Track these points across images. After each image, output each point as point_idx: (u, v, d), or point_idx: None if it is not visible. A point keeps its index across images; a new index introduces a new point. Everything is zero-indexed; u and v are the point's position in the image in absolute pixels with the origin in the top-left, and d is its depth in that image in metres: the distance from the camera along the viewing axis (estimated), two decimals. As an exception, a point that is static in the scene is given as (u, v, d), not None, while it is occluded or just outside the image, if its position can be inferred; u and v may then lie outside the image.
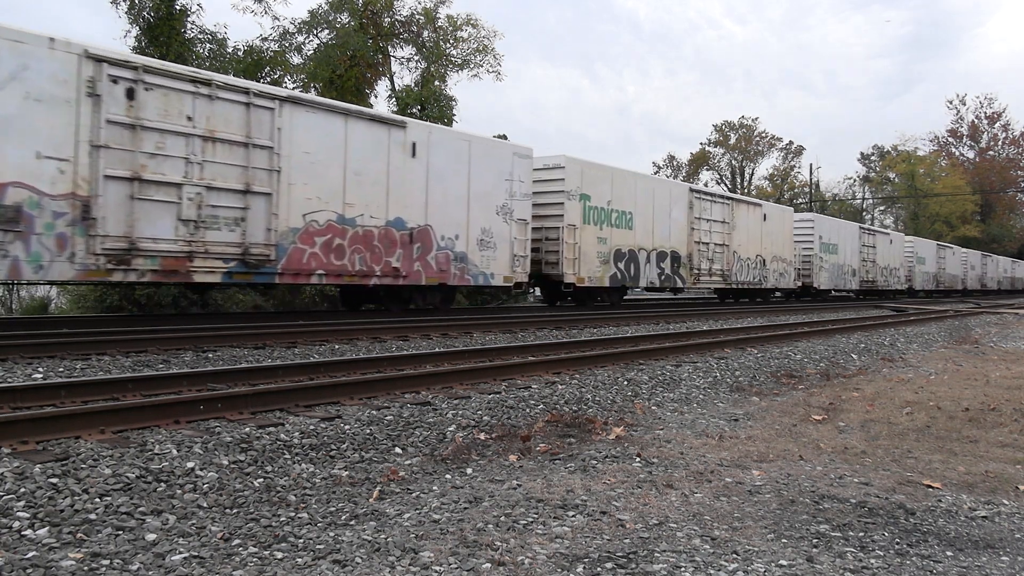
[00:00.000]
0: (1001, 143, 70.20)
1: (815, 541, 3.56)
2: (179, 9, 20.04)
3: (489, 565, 3.14)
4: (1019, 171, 69.39)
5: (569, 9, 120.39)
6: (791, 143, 66.47)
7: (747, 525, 3.75)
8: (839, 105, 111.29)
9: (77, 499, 3.64)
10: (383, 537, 3.47)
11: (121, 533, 3.41)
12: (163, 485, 3.95)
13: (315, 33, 25.01)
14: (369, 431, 5.23)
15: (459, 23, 27.90)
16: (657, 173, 61.64)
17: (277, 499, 4.04)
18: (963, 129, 71.11)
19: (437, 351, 8.69)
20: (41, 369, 6.94)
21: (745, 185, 65.76)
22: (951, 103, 74.75)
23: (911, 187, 65.00)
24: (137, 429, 4.75)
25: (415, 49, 27.86)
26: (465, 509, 3.91)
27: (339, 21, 25.32)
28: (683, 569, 3.14)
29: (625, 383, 7.70)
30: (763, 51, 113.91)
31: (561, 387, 7.18)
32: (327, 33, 25.02)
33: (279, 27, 24.68)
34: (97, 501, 3.66)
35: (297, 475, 4.40)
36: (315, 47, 24.64)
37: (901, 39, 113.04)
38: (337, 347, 9.49)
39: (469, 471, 4.75)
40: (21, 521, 3.39)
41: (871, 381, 9.28)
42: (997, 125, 69.79)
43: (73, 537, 3.32)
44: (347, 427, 5.24)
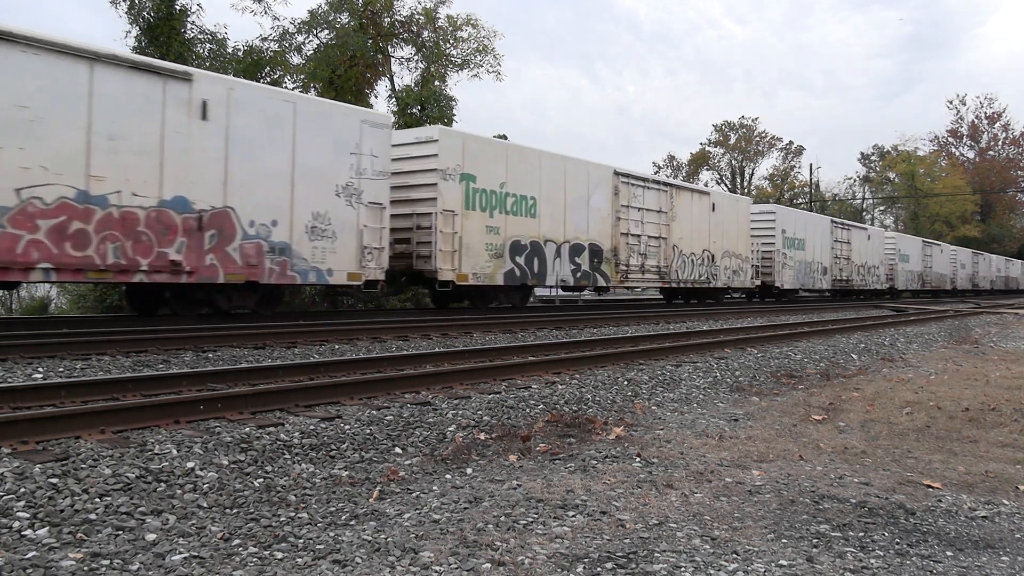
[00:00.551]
0: (1001, 143, 70.29)
1: (815, 541, 3.56)
2: (179, 9, 20.06)
3: (489, 565, 3.14)
4: (1019, 171, 69.44)
5: (569, 9, 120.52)
6: (791, 143, 66.62)
7: (747, 525, 3.75)
8: (839, 105, 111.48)
9: (77, 499, 3.64)
10: (383, 537, 3.47)
11: (121, 533, 3.41)
12: (163, 485, 3.95)
13: (315, 33, 25.05)
14: (369, 431, 5.23)
15: (459, 23, 27.92)
16: (657, 173, 61.10)
17: (277, 499, 4.04)
18: (963, 129, 71.23)
19: (437, 351, 8.69)
20: (41, 369, 6.94)
21: (745, 185, 65.80)
22: (951, 103, 74.94)
23: (911, 187, 65.03)
24: (137, 429, 4.75)
25: (415, 49, 27.87)
26: (465, 509, 3.91)
27: (339, 21, 25.33)
28: (683, 569, 3.14)
29: (625, 383, 7.70)
30: (763, 51, 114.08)
31: (561, 387, 7.18)
32: (327, 33, 25.05)
33: (279, 27, 24.73)
34: (97, 501, 3.66)
35: (297, 475, 4.40)
36: (315, 47, 24.67)
37: (901, 39, 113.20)
38: (337, 347, 9.49)
39: (469, 471, 4.75)
40: (21, 521, 3.38)
41: (871, 381, 9.28)
42: (997, 125, 69.91)
43: (73, 537, 3.32)
44: (347, 427, 5.24)
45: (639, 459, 4.99)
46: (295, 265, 11.88)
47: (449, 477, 4.61)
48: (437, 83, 26.85)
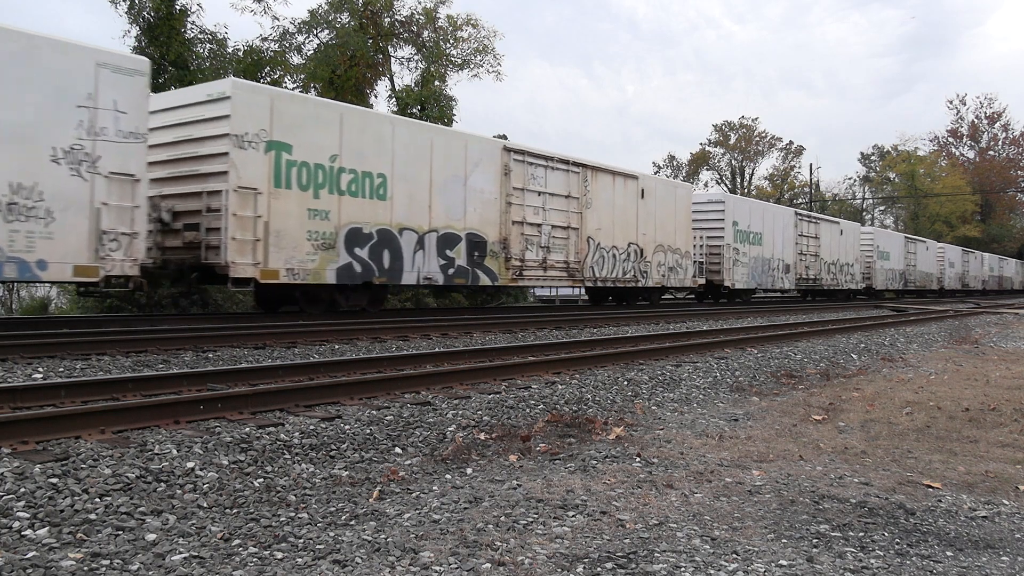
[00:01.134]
0: (1001, 143, 70.34)
1: (815, 541, 3.56)
2: (179, 9, 20.09)
3: (489, 565, 3.14)
4: (1019, 171, 69.48)
5: (568, 8, 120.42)
6: (791, 143, 66.63)
7: (747, 525, 3.75)
8: (839, 105, 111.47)
9: (77, 499, 3.64)
10: (383, 537, 3.47)
11: (121, 533, 3.41)
12: (163, 485, 3.95)
13: (315, 33, 25.08)
14: (369, 431, 5.23)
15: (459, 23, 27.95)
16: (657, 173, 60.87)
17: (277, 499, 4.05)
18: (963, 129, 71.28)
19: (437, 351, 8.69)
20: (41, 369, 6.94)
21: (745, 185, 65.80)
22: (951, 103, 75.07)
23: (911, 187, 65.09)
24: (137, 429, 4.75)
25: (415, 49, 27.90)
26: (465, 509, 3.91)
27: (339, 21, 25.36)
28: (683, 569, 3.14)
29: (625, 383, 7.70)
30: (762, 51, 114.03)
31: (561, 387, 7.18)
32: (327, 33, 25.08)
33: (279, 27, 24.76)
34: (97, 501, 3.66)
35: (297, 475, 4.40)
36: (315, 47, 24.69)
37: (901, 38, 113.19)
38: (337, 347, 9.49)
39: (469, 471, 4.75)
40: (21, 521, 3.39)
41: (871, 381, 9.28)
42: (997, 125, 69.96)
43: (73, 537, 3.32)
44: (347, 427, 5.24)
45: (639, 459, 4.99)
46: None
47: (449, 477, 4.61)
48: (437, 83, 26.88)
